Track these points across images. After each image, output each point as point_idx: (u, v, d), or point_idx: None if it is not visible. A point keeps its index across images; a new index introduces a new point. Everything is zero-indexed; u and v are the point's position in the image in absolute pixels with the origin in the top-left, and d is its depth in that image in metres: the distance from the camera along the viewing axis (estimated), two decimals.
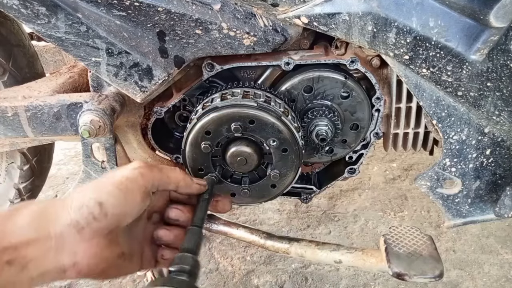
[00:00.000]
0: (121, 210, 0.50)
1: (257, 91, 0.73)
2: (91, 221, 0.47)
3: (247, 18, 0.68)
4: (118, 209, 0.49)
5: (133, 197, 0.51)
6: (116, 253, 0.52)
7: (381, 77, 0.81)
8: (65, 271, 0.48)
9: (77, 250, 0.47)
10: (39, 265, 0.45)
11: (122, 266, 0.54)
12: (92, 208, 0.48)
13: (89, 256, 0.48)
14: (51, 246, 0.46)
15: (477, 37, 0.62)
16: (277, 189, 0.78)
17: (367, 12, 0.63)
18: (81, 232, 0.47)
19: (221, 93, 0.73)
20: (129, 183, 0.51)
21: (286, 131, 0.70)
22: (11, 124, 0.77)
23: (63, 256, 0.47)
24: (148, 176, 0.53)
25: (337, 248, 0.75)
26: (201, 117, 0.70)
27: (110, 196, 0.49)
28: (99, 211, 0.48)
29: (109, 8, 0.66)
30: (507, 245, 1.40)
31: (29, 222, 0.46)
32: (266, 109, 0.69)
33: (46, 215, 0.48)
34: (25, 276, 0.45)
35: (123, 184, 0.51)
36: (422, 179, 0.79)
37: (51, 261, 0.46)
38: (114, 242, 0.51)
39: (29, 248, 0.45)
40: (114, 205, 0.49)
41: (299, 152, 0.73)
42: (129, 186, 0.51)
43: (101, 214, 0.48)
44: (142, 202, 0.52)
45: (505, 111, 0.65)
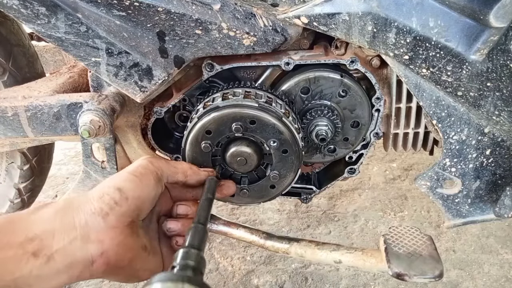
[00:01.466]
0: (139, 194, 0.53)
1: (258, 92, 0.73)
2: (113, 206, 0.49)
3: (247, 18, 0.68)
4: (137, 192, 0.52)
5: (147, 180, 0.55)
6: (140, 244, 0.53)
7: (381, 77, 0.81)
8: (92, 262, 0.47)
9: (104, 238, 0.48)
10: (66, 255, 0.45)
11: (147, 260, 0.55)
12: (113, 194, 0.50)
13: (117, 243, 0.49)
14: (77, 235, 0.46)
15: (477, 37, 0.62)
16: (276, 190, 0.78)
17: (367, 12, 0.63)
18: (106, 219, 0.48)
19: (222, 93, 0.73)
20: (142, 169, 0.55)
21: (286, 132, 0.70)
22: (11, 124, 0.77)
23: (90, 245, 0.47)
24: (156, 163, 0.58)
25: (337, 248, 0.75)
26: (202, 116, 0.70)
27: (127, 181, 0.52)
28: (120, 195, 0.50)
29: (109, 8, 0.66)
30: (507, 245, 1.40)
31: (54, 214, 0.47)
32: (267, 110, 0.69)
33: (69, 207, 0.48)
34: (51, 268, 0.44)
35: (137, 171, 0.55)
36: (422, 179, 0.79)
37: (78, 251, 0.46)
38: (135, 233, 0.53)
39: (55, 238, 0.45)
40: (132, 189, 0.52)
41: (299, 154, 0.73)
42: (143, 172, 0.55)
43: (122, 198, 0.50)
44: (156, 185, 0.56)
45: (505, 111, 0.65)
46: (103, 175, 0.80)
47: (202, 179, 0.64)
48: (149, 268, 0.56)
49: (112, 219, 0.49)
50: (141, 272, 0.55)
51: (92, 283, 1.34)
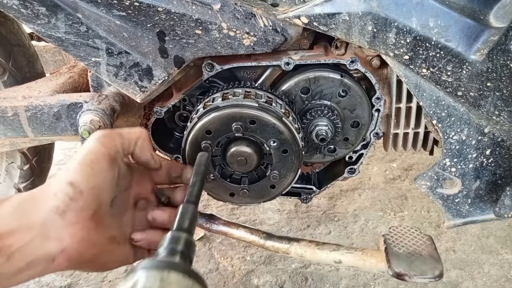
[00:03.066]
0: (93, 183, 0.50)
1: (258, 92, 0.73)
2: (69, 203, 0.47)
3: (247, 18, 0.68)
4: (90, 183, 0.49)
5: (99, 166, 0.51)
6: (106, 237, 0.51)
7: (381, 77, 0.81)
8: (53, 259, 0.47)
9: (63, 236, 0.47)
10: (25, 254, 0.45)
11: (115, 252, 0.53)
12: (66, 190, 0.48)
13: (77, 241, 0.47)
14: (36, 234, 0.45)
15: (477, 37, 0.62)
16: (276, 190, 0.78)
17: (367, 12, 0.63)
18: (64, 216, 0.47)
19: (222, 93, 0.73)
20: (92, 155, 0.51)
21: (286, 132, 0.70)
22: (11, 124, 0.77)
23: (50, 243, 0.46)
24: (108, 143, 0.53)
25: (337, 248, 0.75)
26: (202, 116, 0.70)
27: (77, 173, 0.49)
28: (73, 190, 0.48)
29: (109, 8, 0.66)
30: (507, 245, 1.40)
31: (12, 213, 0.46)
32: (267, 110, 0.69)
33: (27, 205, 0.47)
34: (12, 266, 0.44)
35: (86, 159, 0.51)
36: (422, 179, 0.79)
37: (38, 250, 0.45)
38: (101, 224, 0.50)
39: (14, 237, 0.44)
40: (85, 180, 0.49)
41: (299, 154, 0.73)
42: (93, 158, 0.51)
43: (76, 192, 0.48)
44: (110, 168, 0.52)
45: (505, 111, 0.65)
46: None
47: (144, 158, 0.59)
48: (118, 259, 0.55)
49: (70, 215, 0.47)
50: (109, 264, 0.54)
51: (92, 283, 1.34)
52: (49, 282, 1.36)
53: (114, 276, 1.37)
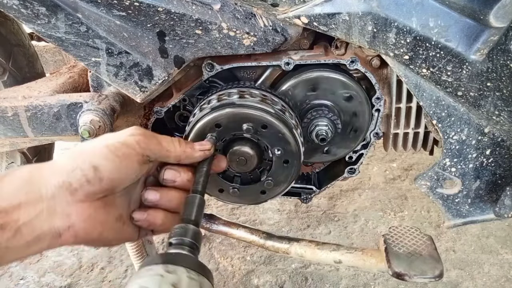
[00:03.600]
0: (117, 176, 0.48)
1: (274, 98, 0.73)
2: (84, 184, 0.46)
3: (247, 18, 0.68)
4: (114, 175, 0.48)
5: (130, 163, 0.49)
6: (114, 216, 0.50)
7: (381, 77, 0.81)
8: (60, 235, 0.46)
9: (70, 212, 0.46)
10: (33, 228, 0.44)
11: (121, 231, 0.52)
12: (87, 171, 0.46)
13: (84, 219, 0.46)
14: (43, 208, 0.44)
15: (477, 37, 0.62)
16: (265, 196, 0.77)
17: (367, 12, 0.63)
18: (74, 194, 0.46)
19: (239, 90, 0.72)
20: (125, 149, 0.49)
21: (293, 144, 0.70)
22: (11, 124, 0.77)
23: (56, 219, 0.45)
24: (145, 145, 0.51)
25: (337, 248, 0.75)
26: (216, 108, 0.69)
27: (106, 160, 0.47)
28: (94, 175, 0.46)
29: (109, 8, 0.66)
30: (507, 245, 1.40)
31: (19, 186, 0.45)
32: (281, 118, 0.69)
33: (36, 179, 0.46)
34: (20, 240, 0.43)
35: (119, 150, 0.48)
36: (422, 179, 0.79)
37: (45, 224, 0.44)
38: (110, 204, 0.49)
39: (21, 211, 0.43)
40: (110, 171, 0.47)
41: (298, 167, 0.73)
42: (126, 153, 0.49)
43: (96, 178, 0.46)
44: (139, 169, 0.51)
45: (505, 111, 0.65)
46: None
47: (197, 161, 0.58)
48: (123, 237, 0.54)
49: (80, 194, 0.46)
50: (114, 241, 0.53)
51: (92, 283, 1.34)
52: (49, 282, 1.36)
53: (114, 276, 1.37)
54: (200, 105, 0.74)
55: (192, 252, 0.44)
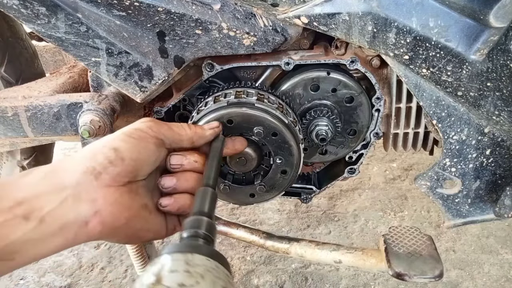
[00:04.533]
0: (137, 156, 0.49)
1: (288, 109, 0.73)
2: (107, 166, 0.46)
3: (247, 18, 0.68)
4: (134, 155, 0.48)
5: (146, 143, 0.51)
6: (139, 203, 0.50)
7: (381, 77, 0.81)
8: (87, 223, 0.45)
9: (96, 197, 0.45)
10: (58, 216, 0.43)
11: (148, 220, 0.52)
12: (108, 153, 0.47)
13: (110, 203, 0.46)
14: (68, 195, 0.44)
15: (477, 37, 0.62)
16: (253, 200, 0.77)
17: (367, 12, 0.63)
18: (99, 178, 0.45)
19: (258, 92, 0.72)
20: (140, 133, 0.51)
21: (296, 157, 0.71)
22: (11, 124, 0.77)
23: (82, 205, 0.44)
24: (156, 129, 0.53)
25: (337, 248, 0.75)
26: (233, 105, 0.69)
27: (123, 142, 0.49)
28: (115, 155, 0.47)
29: (109, 8, 0.66)
30: (507, 245, 1.40)
31: (43, 177, 0.44)
32: (292, 130, 0.69)
33: (59, 169, 0.46)
34: (45, 231, 0.42)
35: (135, 133, 0.51)
36: (422, 179, 0.79)
37: (70, 212, 0.43)
38: (134, 191, 0.49)
39: (45, 200, 0.43)
40: (129, 150, 0.48)
41: (293, 180, 0.74)
42: (141, 135, 0.51)
43: (118, 158, 0.47)
44: (156, 149, 0.52)
45: (505, 111, 0.65)
46: None
47: (209, 140, 0.60)
48: (152, 229, 0.53)
49: (105, 178, 0.45)
50: (143, 233, 0.52)
51: (92, 283, 1.34)
52: (49, 282, 1.36)
53: (114, 276, 1.37)
54: (215, 96, 0.73)
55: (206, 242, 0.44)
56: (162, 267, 0.35)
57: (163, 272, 0.35)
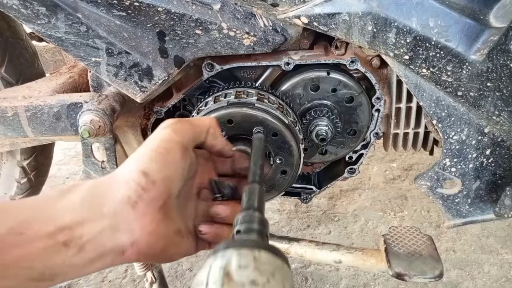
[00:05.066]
0: (166, 173, 0.48)
1: (289, 109, 0.73)
2: (141, 194, 0.45)
3: (247, 18, 0.68)
4: (163, 173, 0.48)
5: (173, 156, 0.49)
6: (173, 229, 0.50)
7: (381, 77, 0.81)
8: (123, 252, 0.45)
9: (134, 228, 0.45)
10: (97, 245, 0.43)
11: (180, 244, 0.52)
12: (139, 179, 0.46)
13: (148, 233, 0.46)
14: (106, 225, 0.44)
15: (477, 37, 0.62)
16: None
17: (367, 12, 0.63)
18: (135, 207, 0.45)
19: (258, 92, 0.72)
20: (165, 144, 0.50)
21: (296, 157, 0.71)
22: (11, 124, 0.77)
23: (120, 235, 0.44)
24: (180, 130, 0.52)
25: (337, 248, 0.75)
26: (233, 105, 0.69)
27: (151, 162, 0.48)
28: (145, 180, 0.46)
29: (109, 8, 0.66)
30: (507, 245, 1.40)
31: (81, 202, 0.44)
32: (292, 131, 0.69)
33: (96, 194, 0.46)
34: (84, 257, 0.43)
35: (160, 147, 0.49)
36: (422, 179, 0.79)
37: (108, 241, 0.44)
38: (168, 217, 0.49)
39: (84, 228, 0.43)
40: (158, 170, 0.47)
41: (292, 180, 0.74)
42: (167, 146, 0.49)
43: (148, 182, 0.46)
44: (182, 159, 0.51)
45: (505, 111, 0.65)
46: (103, 175, 0.80)
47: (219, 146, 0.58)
48: (182, 251, 0.53)
49: (141, 206, 0.45)
50: (175, 256, 0.52)
51: (92, 283, 1.34)
52: None
53: (114, 276, 1.37)
54: (215, 96, 0.73)
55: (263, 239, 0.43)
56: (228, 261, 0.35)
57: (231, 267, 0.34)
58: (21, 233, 0.40)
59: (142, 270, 0.93)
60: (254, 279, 0.33)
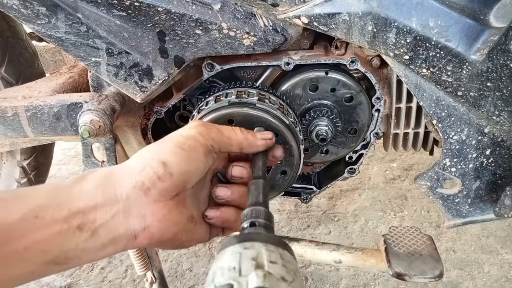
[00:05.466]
0: (186, 169, 0.48)
1: (289, 110, 0.73)
2: (156, 182, 0.46)
3: (247, 18, 0.68)
4: (183, 168, 0.48)
5: (196, 154, 0.49)
6: (186, 216, 0.50)
7: (381, 77, 0.81)
8: (135, 237, 0.46)
9: (145, 213, 0.46)
10: (109, 230, 0.44)
11: (193, 231, 0.52)
12: (156, 168, 0.46)
13: (159, 219, 0.47)
14: (119, 209, 0.45)
15: (477, 37, 0.62)
16: None
17: (367, 12, 0.63)
18: (148, 194, 0.46)
19: (259, 92, 0.72)
20: (190, 141, 0.50)
21: (297, 158, 0.70)
22: (11, 124, 0.77)
23: (132, 220, 0.45)
24: (206, 134, 0.52)
25: (337, 248, 0.75)
26: (235, 105, 0.68)
27: (173, 155, 0.48)
28: (164, 170, 0.46)
29: (109, 8, 0.66)
30: (507, 245, 1.40)
31: (95, 187, 0.45)
32: (293, 131, 0.69)
33: (110, 180, 0.46)
34: (96, 242, 0.43)
35: (185, 144, 0.49)
36: (422, 179, 0.79)
37: (121, 225, 0.45)
38: (182, 204, 0.50)
39: (98, 212, 0.44)
40: (179, 164, 0.47)
41: (293, 179, 0.74)
42: (192, 144, 0.49)
43: (166, 173, 0.46)
44: (205, 159, 0.51)
45: (505, 111, 0.65)
46: None
47: (259, 150, 0.58)
48: (196, 238, 0.54)
49: (154, 193, 0.46)
50: (187, 242, 0.52)
51: (92, 283, 1.34)
52: (49, 282, 1.36)
53: (114, 276, 1.37)
54: (216, 96, 0.73)
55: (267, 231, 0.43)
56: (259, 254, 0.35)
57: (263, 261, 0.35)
58: (36, 217, 0.41)
59: (142, 270, 0.93)
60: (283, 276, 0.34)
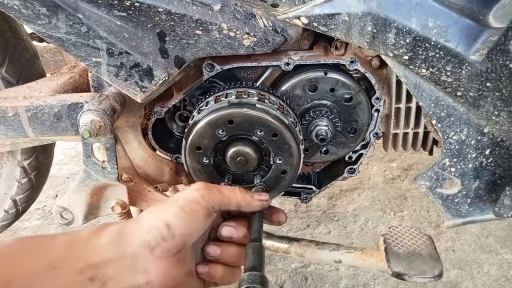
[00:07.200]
0: (187, 231, 0.54)
1: (289, 110, 0.74)
2: (160, 241, 0.52)
3: (247, 19, 0.68)
4: (184, 230, 0.54)
5: (197, 217, 0.55)
6: (184, 271, 0.56)
7: (381, 77, 0.82)
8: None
9: (149, 269, 0.52)
10: (117, 282, 0.50)
11: (189, 284, 0.58)
12: (161, 229, 0.52)
13: (161, 275, 0.52)
14: (127, 265, 0.50)
15: (476, 37, 0.62)
16: None
17: (367, 12, 0.64)
18: (153, 252, 0.52)
19: (259, 93, 0.72)
20: (192, 205, 0.56)
21: (296, 158, 0.71)
22: (12, 124, 0.78)
23: (137, 275, 0.51)
24: (208, 197, 0.58)
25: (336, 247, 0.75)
26: (234, 105, 0.69)
27: (176, 217, 0.54)
28: (167, 232, 0.52)
29: (110, 9, 0.66)
30: (507, 245, 1.40)
31: (109, 243, 0.51)
32: (293, 131, 0.70)
33: (122, 236, 0.52)
34: None
35: (187, 207, 0.55)
36: (421, 179, 0.79)
37: (127, 279, 0.50)
38: (181, 260, 0.55)
39: (108, 266, 0.49)
40: (180, 226, 0.53)
41: (292, 180, 0.75)
42: (193, 208, 0.56)
43: (169, 235, 0.52)
44: (205, 221, 0.57)
45: (505, 111, 0.65)
46: (103, 175, 0.81)
47: (256, 210, 0.64)
48: None
49: (158, 251, 0.52)
50: None
51: None
52: None
53: None
54: (216, 96, 0.73)
55: None
56: None
57: None
58: (54, 267, 0.47)
59: None
60: None
